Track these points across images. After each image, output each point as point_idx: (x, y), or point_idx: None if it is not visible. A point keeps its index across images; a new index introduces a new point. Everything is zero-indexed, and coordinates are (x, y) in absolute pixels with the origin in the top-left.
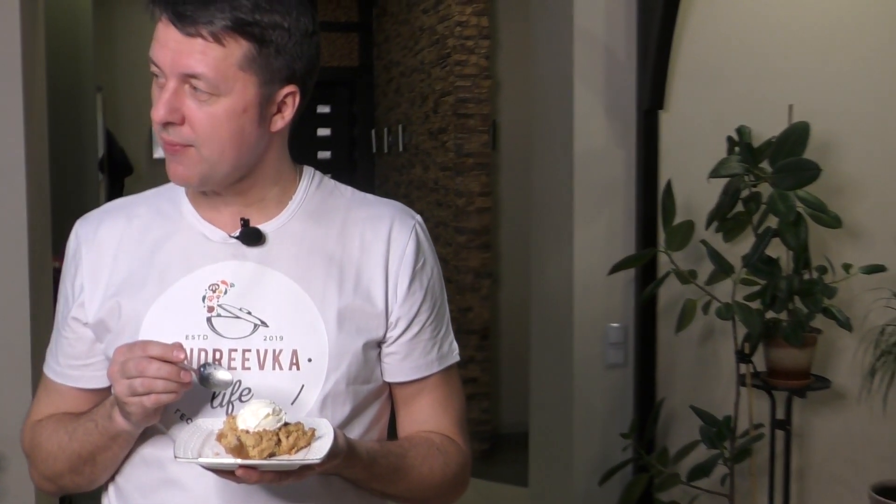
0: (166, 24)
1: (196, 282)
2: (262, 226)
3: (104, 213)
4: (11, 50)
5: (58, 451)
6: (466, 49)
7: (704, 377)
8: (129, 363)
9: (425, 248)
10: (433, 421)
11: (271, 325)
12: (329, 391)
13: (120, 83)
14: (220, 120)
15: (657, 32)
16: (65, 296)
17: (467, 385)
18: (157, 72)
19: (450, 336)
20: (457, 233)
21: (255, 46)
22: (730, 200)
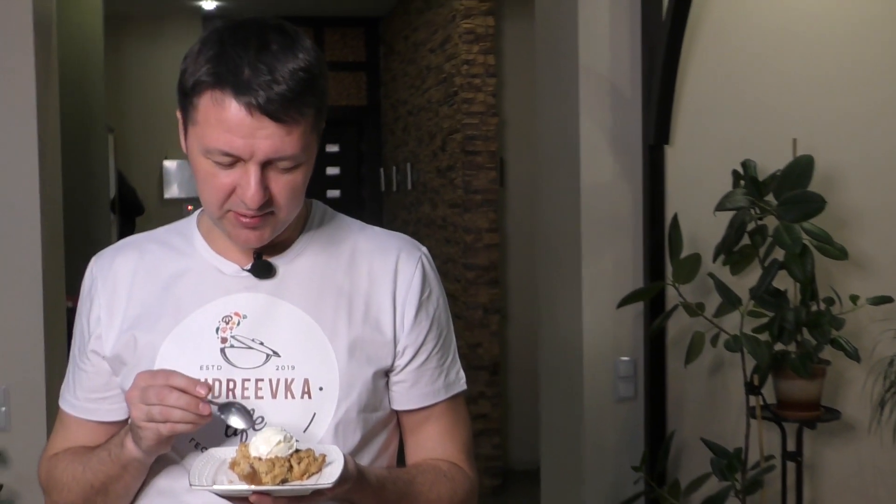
0: (253, 116)
1: (209, 314)
2: (274, 259)
3: (118, 250)
4: (26, 92)
5: (72, 483)
6: (473, 87)
7: (714, 409)
8: (149, 390)
9: (431, 279)
10: (440, 448)
11: (283, 355)
12: (340, 419)
13: (131, 124)
14: (300, 185)
15: (661, 69)
16: (80, 330)
17: (477, 421)
18: (227, 160)
19: (456, 365)
20: (465, 269)
21: (319, 113)
22: (736, 233)
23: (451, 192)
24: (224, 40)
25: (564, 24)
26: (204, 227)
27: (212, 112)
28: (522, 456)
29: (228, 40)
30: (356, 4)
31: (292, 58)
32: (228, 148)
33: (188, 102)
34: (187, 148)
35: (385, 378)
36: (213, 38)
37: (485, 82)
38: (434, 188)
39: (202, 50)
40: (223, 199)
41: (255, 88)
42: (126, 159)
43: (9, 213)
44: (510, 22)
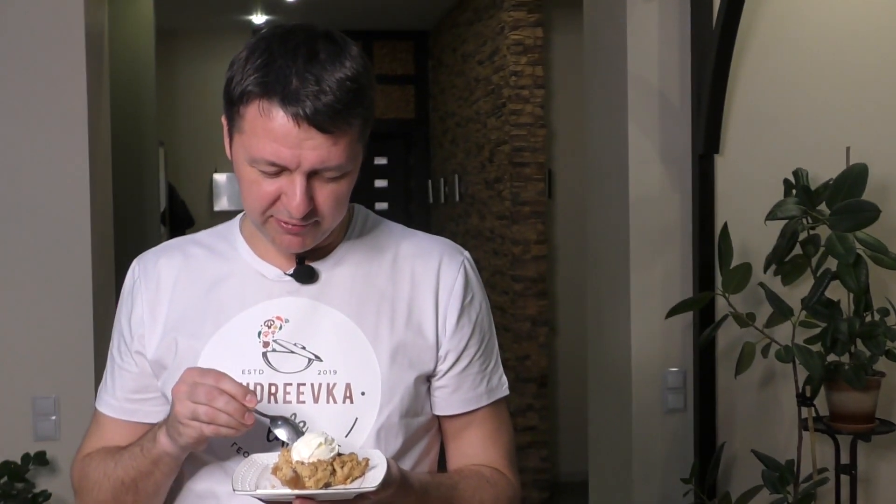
0: (300, 127)
1: (252, 318)
2: (316, 263)
3: (161, 251)
4: (78, 106)
5: (103, 479)
6: (522, 98)
7: (765, 421)
8: (199, 388)
9: (473, 283)
10: (482, 454)
11: (325, 360)
12: (382, 424)
13: (181, 138)
14: (344, 194)
15: (711, 77)
16: (121, 331)
17: (525, 433)
18: (273, 169)
19: (499, 370)
20: (513, 281)
21: (365, 122)
22: (787, 243)
23: (498, 204)
24: (272, 49)
25: (613, 34)
26: (247, 230)
27: (259, 122)
28: (571, 468)
29: (277, 49)
30: (405, 18)
31: (340, 67)
32: (275, 158)
33: (234, 111)
34: (232, 154)
35: (427, 383)
36: (261, 45)
37: (533, 94)
38: (482, 200)
39: (250, 58)
40: (267, 206)
41: (303, 99)
42: (176, 172)
43: (60, 226)
44: (558, 33)
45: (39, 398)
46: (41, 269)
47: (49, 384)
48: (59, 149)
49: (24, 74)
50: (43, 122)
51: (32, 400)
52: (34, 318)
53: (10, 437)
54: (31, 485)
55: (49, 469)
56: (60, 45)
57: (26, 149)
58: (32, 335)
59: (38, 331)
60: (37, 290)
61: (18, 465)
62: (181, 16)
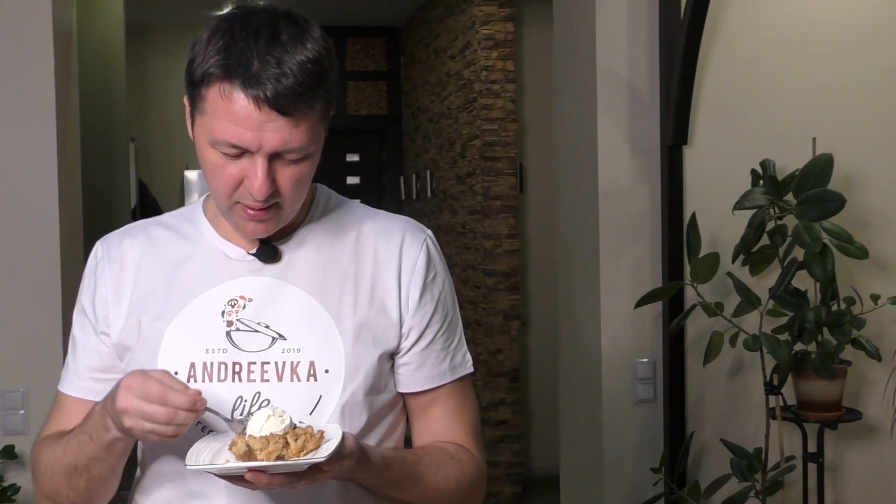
0: (261, 109)
1: (215, 297)
2: (279, 243)
3: (125, 233)
4: (46, 101)
5: (54, 464)
6: (493, 93)
7: (734, 410)
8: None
9: (436, 261)
10: (447, 431)
11: (289, 338)
12: (346, 401)
13: (152, 134)
14: (306, 176)
15: (679, 69)
16: (83, 311)
17: (497, 427)
18: (235, 151)
19: (463, 347)
20: (485, 275)
21: (327, 104)
22: (755, 233)
23: (470, 199)
24: (234, 31)
25: (582, 26)
26: (210, 211)
27: (220, 105)
28: (543, 462)
29: (238, 31)
30: (377, 14)
31: (301, 49)
32: (236, 140)
33: (196, 92)
34: (194, 136)
35: (391, 361)
36: (222, 27)
37: (504, 88)
38: (454, 195)
39: (211, 39)
40: (231, 190)
41: (264, 82)
42: (147, 168)
43: (29, 222)
44: (529, 27)
45: (8, 392)
46: (9, 264)
47: (17, 378)
48: (27, 144)
49: None
50: (10, 118)
51: (1, 393)
52: (3, 313)
53: None
54: (0, 478)
55: (18, 463)
56: (28, 41)
57: None
58: (1, 329)
59: (7, 325)
60: (5, 285)
61: None
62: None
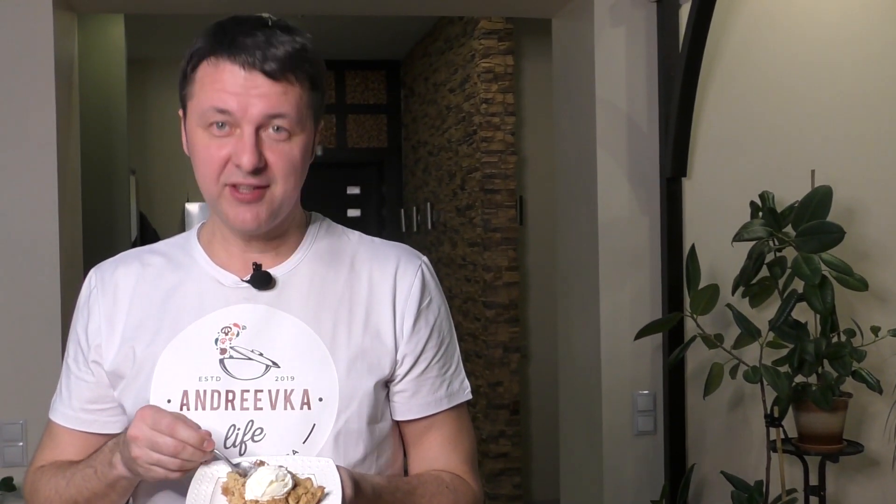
0: (247, 71)
1: (209, 325)
2: (273, 269)
3: (119, 261)
4: (47, 133)
5: (54, 497)
6: (492, 126)
7: (735, 442)
8: (160, 441)
9: (431, 287)
10: (443, 459)
11: (283, 366)
12: (340, 430)
13: (153, 166)
14: (297, 158)
15: (678, 101)
16: (77, 341)
17: (498, 460)
18: (224, 119)
19: (461, 374)
20: (485, 307)
21: (315, 90)
22: (754, 265)
23: (470, 231)
24: (223, 23)
25: (581, 59)
26: (204, 238)
27: (207, 77)
28: (544, 495)
29: (227, 23)
30: (377, 47)
31: (289, 36)
32: (222, 104)
33: (186, 82)
34: (187, 136)
35: (386, 389)
36: (211, 26)
37: (504, 121)
38: (454, 227)
39: (201, 34)
40: (218, 170)
41: (251, 49)
42: (148, 201)
43: (29, 253)
44: (529, 61)
45: (6, 423)
46: (9, 296)
47: (16, 409)
48: (28, 176)
49: None
50: (11, 151)
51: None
52: (2, 344)
53: None
54: None
55: (16, 495)
56: (29, 73)
57: None
58: (1, 361)
59: (6, 356)
60: (5, 316)
61: None
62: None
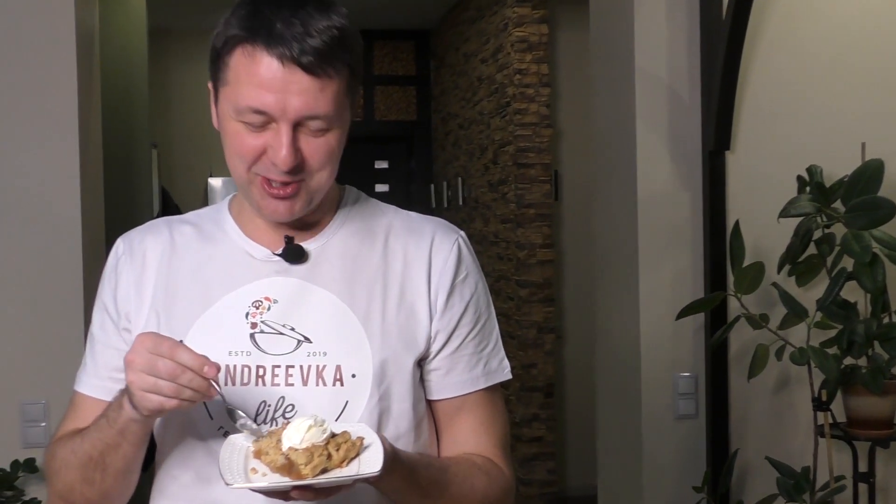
0: (285, 67)
1: (239, 298)
2: (306, 243)
3: (147, 230)
4: (68, 107)
5: (70, 457)
6: (526, 97)
7: (780, 427)
8: (158, 363)
9: (468, 262)
10: (473, 441)
11: (315, 342)
12: (374, 407)
13: (175, 140)
14: (334, 150)
15: (721, 71)
16: (104, 308)
17: (532, 445)
18: (259, 119)
19: (499, 353)
20: (518, 286)
21: (352, 75)
22: (801, 242)
23: (503, 207)
24: (257, 2)
25: (620, 27)
26: (235, 210)
27: (242, 68)
28: (579, 481)
29: (262, 2)
30: (406, 17)
31: (326, 17)
32: (260, 105)
33: (219, 63)
34: (218, 116)
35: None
36: (245, 1)
37: (538, 92)
38: (486, 203)
39: (234, 11)
40: (251, 160)
41: (289, 40)
42: (170, 176)
43: (50, 229)
44: (564, 29)
45: (28, 403)
46: (31, 273)
47: (38, 389)
48: (49, 151)
49: (13, 74)
50: (32, 124)
51: (21, 405)
52: (24, 323)
53: None
54: (21, 492)
55: (39, 477)
56: (50, 45)
57: (15, 151)
58: (22, 339)
59: (28, 335)
60: (27, 294)
61: (7, 473)
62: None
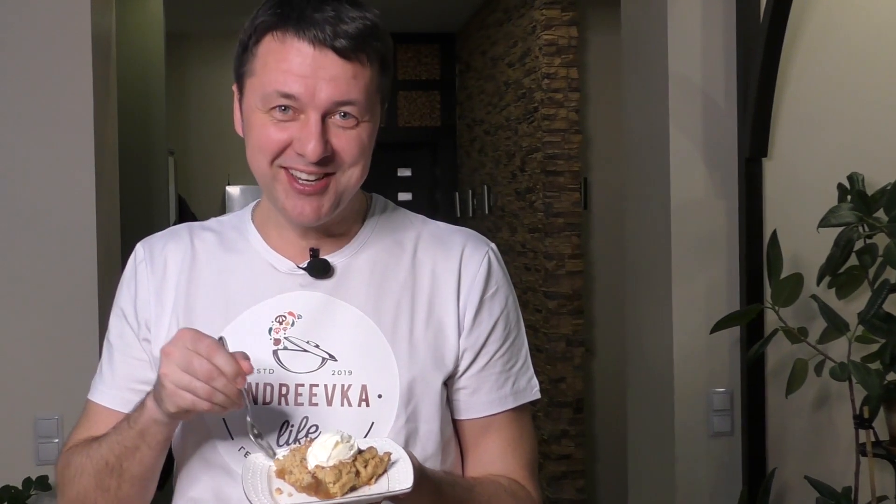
0: (318, 51)
1: (262, 313)
2: (331, 256)
3: (169, 236)
4: (83, 112)
5: (86, 462)
6: (555, 102)
7: (820, 445)
8: (194, 361)
9: (498, 276)
10: (500, 463)
11: (340, 360)
12: (401, 429)
13: (192, 147)
14: (365, 144)
15: (758, 75)
16: (122, 316)
17: (560, 462)
18: (288, 103)
19: (528, 372)
20: (546, 298)
21: (385, 72)
22: (842, 252)
23: (530, 216)
24: None
25: (652, 29)
26: (259, 219)
27: (272, 54)
28: (610, 501)
29: None
30: (430, 19)
31: (358, 9)
32: (288, 89)
33: (248, 54)
34: (243, 114)
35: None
36: None
37: (567, 97)
38: (513, 212)
39: (264, 4)
40: (274, 153)
41: (321, 23)
42: (187, 184)
43: (65, 239)
44: (594, 32)
45: (42, 419)
46: (44, 284)
47: (52, 404)
48: (63, 158)
49: (28, 79)
50: (47, 130)
51: (35, 421)
52: (37, 335)
53: (11, 460)
54: None
55: (51, 495)
56: (66, 48)
57: (29, 158)
58: (35, 352)
59: (41, 347)
60: (40, 306)
61: (19, 490)
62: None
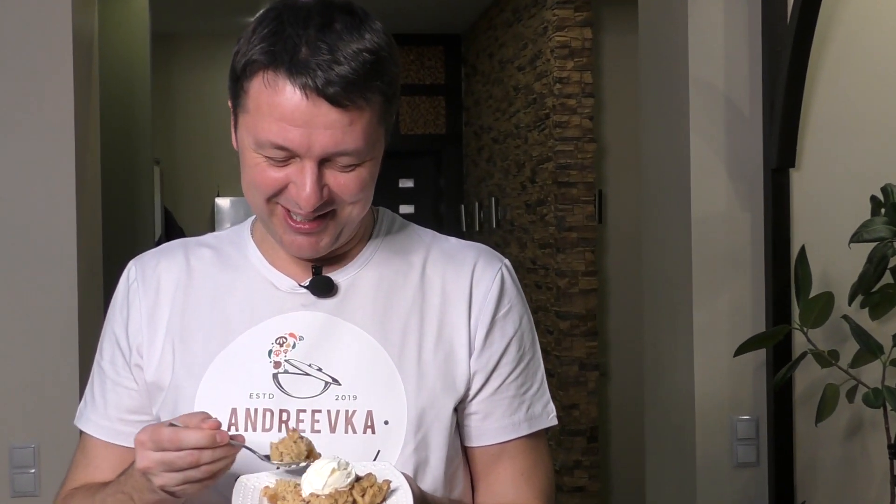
0: (309, 99)
1: (262, 334)
2: (335, 274)
3: (162, 253)
4: (64, 118)
5: None
6: (568, 109)
7: (852, 476)
8: (172, 459)
9: (511, 294)
10: (512, 493)
11: (344, 384)
12: (408, 457)
13: (179, 156)
14: (366, 183)
15: (785, 80)
16: (114, 341)
17: (573, 495)
18: (281, 154)
19: (544, 396)
20: (559, 318)
21: (387, 102)
22: (876, 270)
23: (541, 231)
24: (282, 18)
25: (672, 32)
26: (258, 235)
27: (263, 97)
28: None
29: (287, 18)
30: (434, 20)
31: (357, 38)
32: (282, 140)
33: (239, 88)
34: (238, 141)
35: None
36: (269, 15)
37: (581, 103)
38: (522, 226)
39: (257, 28)
40: (270, 192)
41: (313, 68)
42: (174, 195)
43: (42, 255)
44: (610, 34)
45: (17, 448)
46: (20, 304)
47: (28, 431)
48: (41, 168)
49: (2, 82)
50: (25, 136)
51: (10, 449)
52: (12, 359)
53: None
54: None
55: None
56: (45, 49)
57: (5, 167)
58: (10, 377)
59: (17, 371)
60: (16, 327)
61: None
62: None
